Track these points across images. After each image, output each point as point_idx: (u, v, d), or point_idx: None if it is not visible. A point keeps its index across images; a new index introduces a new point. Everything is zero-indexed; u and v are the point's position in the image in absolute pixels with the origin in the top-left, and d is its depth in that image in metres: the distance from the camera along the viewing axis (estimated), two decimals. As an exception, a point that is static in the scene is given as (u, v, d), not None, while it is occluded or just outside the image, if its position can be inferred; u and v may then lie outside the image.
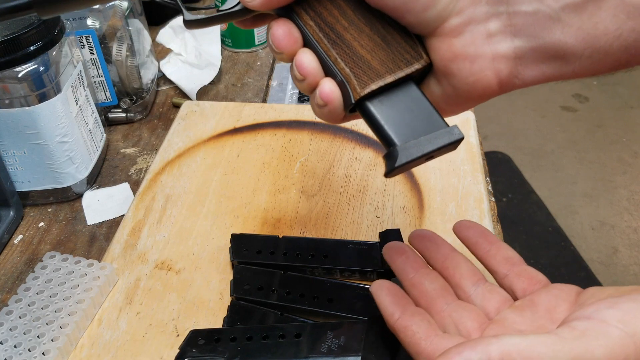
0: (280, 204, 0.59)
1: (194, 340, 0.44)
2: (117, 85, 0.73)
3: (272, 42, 0.36)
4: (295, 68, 0.36)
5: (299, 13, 0.36)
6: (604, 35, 0.33)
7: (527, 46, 0.34)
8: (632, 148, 2.05)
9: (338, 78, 0.36)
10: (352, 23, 0.36)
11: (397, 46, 0.36)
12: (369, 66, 0.35)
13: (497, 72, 0.35)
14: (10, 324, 0.46)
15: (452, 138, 0.35)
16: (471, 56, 0.34)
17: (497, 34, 0.34)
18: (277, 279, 0.49)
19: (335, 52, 0.35)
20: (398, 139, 0.35)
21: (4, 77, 0.54)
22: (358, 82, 0.35)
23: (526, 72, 0.35)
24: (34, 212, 0.62)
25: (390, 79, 0.35)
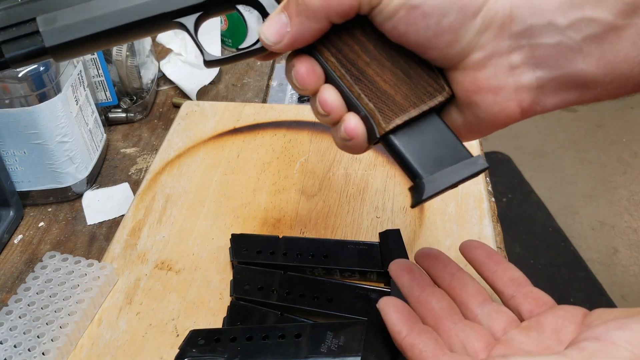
0: (280, 204, 0.59)
1: (193, 340, 0.44)
2: (117, 85, 0.73)
3: (295, 79, 0.36)
4: (318, 104, 0.36)
5: (320, 50, 0.36)
6: (624, 62, 0.33)
7: (549, 76, 0.34)
8: (632, 148, 2.05)
9: (362, 113, 0.36)
10: (373, 58, 0.36)
11: (420, 80, 0.36)
12: (393, 101, 0.35)
13: (520, 102, 0.35)
14: (10, 323, 0.46)
15: (477, 168, 0.35)
16: (495, 88, 0.35)
17: (519, 66, 0.34)
18: (277, 279, 0.49)
19: (359, 88, 0.36)
20: (424, 172, 0.35)
21: (4, 77, 0.54)
22: (382, 117, 0.35)
23: (548, 100, 0.35)
24: (34, 212, 0.62)
25: (414, 113, 0.35)
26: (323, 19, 0.34)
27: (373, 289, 0.48)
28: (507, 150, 2.04)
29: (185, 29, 0.37)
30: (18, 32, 0.36)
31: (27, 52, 0.36)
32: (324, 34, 0.36)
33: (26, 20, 0.36)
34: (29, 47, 0.36)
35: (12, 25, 0.36)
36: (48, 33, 0.35)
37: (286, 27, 0.35)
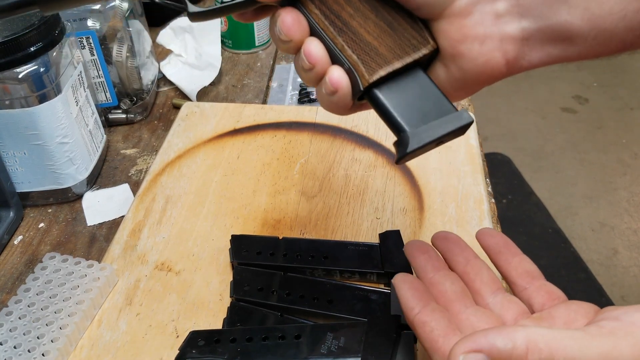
0: (280, 205, 0.59)
1: (193, 341, 0.44)
2: (117, 86, 0.73)
3: (281, 29, 0.36)
4: (303, 57, 0.36)
5: (303, 2, 0.36)
6: (609, 15, 0.33)
7: (533, 27, 0.34)
8: (632, 149, 2.05)
9: (346, 66, 0.36)
10: (357, 10, 0.36)
11: (404, 32, 0.36)
12: (377, 53, 0.35)
13: (505, 53, 0.35)
14: (10, 324, 0.46)
15: (462, 122, 0.35)
16: (480, 36, 0.35)
17: (505, 14, 0.34)
18: (277, 280, 0.49)
19: (342, 40, 0.35)
20: (408, 125, 0.35)
21: (4, 78, 0.54)
22: (366, 69, 0.35)
23: (532, 53, 0.35)
24: (34, 213, 0.62)
25: (398, 64, 0.35)
26: None
27: (373, 290, 0.48)
28: (507, 151, 2.04)
29: None
30: None
31: (15, 2, 0.35)
32: None
33: None
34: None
35: None
36: None
37: None
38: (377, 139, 0.66)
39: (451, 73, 0.36)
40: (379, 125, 0.68)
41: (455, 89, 0.37)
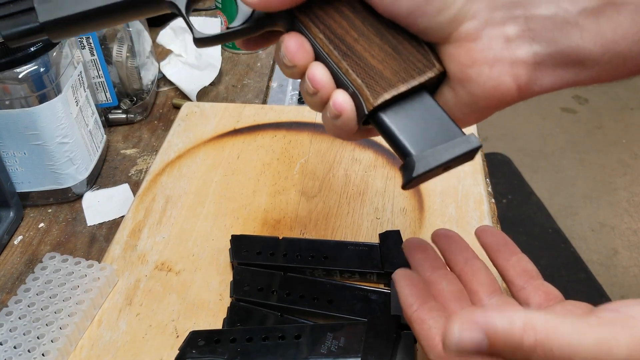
0: (280, 205, 0.59)
1: (193, 341, 0.44)
2: (117, 86, 0.73)
3: (285, 55, 0.36)
4: (307, 81, 0.36)
5: (307, 26, 0.36)
6: (622, 39, 0.32)
7: (545, 51, 0.33)
8: (632, 149, 2.05)
9: (350, 89, 0.35)
10: (362, 34, 0.35)
11: (409, 55, 0.35)
12: (381, 76, 0.35)
13: (516, 78, 0.34)
14: (10, 324, 0.46)
15: (470, 146, 0.34)
16: (490, 60, 0.34)
17: (515, 38, 0.33)
18: (277, 280, 0.49)
19: (347, 64, 0.35)
20: (414, 149, 0.34)
21: (4, 78, 0.54)
22: (371, 93, 0.34)
23: (545, 77, 0.34)
24: (34, 213, 0.62)
25: (403, 88, 0.35)
26: None
27: (373, 290, 0.48)
28: (507, 151, 2.04)
29: (177, 9, 0.37)
30: (14, 8, 0.36)
31: (23, 30, 0.36)
32: (311, 10, 0.35)
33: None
34: (25, 24, 0.36)
35: (9, 2, 0.36)
36: (42, 9, 0.35)
37: None
38: (377, 139, 0.66)
39: (460, 97, 0.36)
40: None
41: (464, 114, 0.36)
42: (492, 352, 0.29)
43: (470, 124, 0.38)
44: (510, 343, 0.29)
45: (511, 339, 0.29)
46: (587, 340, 0.29)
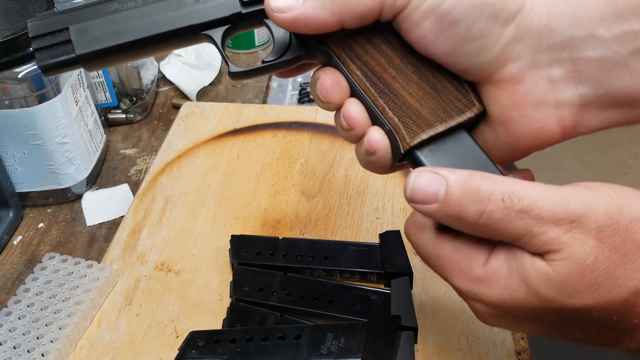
0: (280, 205, 0.59)
1: (193, 341, 0.44)
2: (117, 86, 0.73)
3: (320, 92, 0.35)
4: (342, 118, 0.35)
5: (345, 62, 0.35)
6: None
7: (593, 93, 0.33)
8: (632, 150, 2.05)
9: (386, 127, 0.35)
10: (400, 72, 0.35)
11: (448, 94, 0.35)
12: (419, 115, 0.34)
13: (561, 120, 0.33)
14: (10, 325, 0.46)
15: None
16: (534, 103, 0.33)
17: (560, 80, 0.33)
18: (277, 280, 0.49)
19: (383, 102, 0.35)
20: None
21: (4, 78, 0.54)
22: (407, 132, 0.34)
23: (592, 118, 0.34)
24: (33, 213, 0.62)
25: (441, 128, 0.34)
26: (337, 14, 0.33)
27: (373, 290, 0.48)
28: (507, 151, 2.04)
29: (213, 42, 0.37)
30: (51, 40, 0.36)
31: (59, 61, 0.36)
32: (348, 45, 0.35)
33: (60, 29, 0.36)
34: (61, 55, 0.36)
35: (47, 34, 0.36)
36: (79, 41, 0.36)
37: (297, 3, 0.33)
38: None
39: (500, 138, 0.35)
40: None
41: (503, 153, 0.36)
42: (447, 207, 0.30)
43: (508, 162, 0.37)
44: (468, 189, 0.29)
45: (469, 185, 0.29)
46: (551, 195, 0.29)
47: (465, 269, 0.31)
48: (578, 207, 0.28)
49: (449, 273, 0.32)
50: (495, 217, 0.29)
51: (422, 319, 0.47)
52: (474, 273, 0.31)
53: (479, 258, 0.31)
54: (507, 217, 0.29)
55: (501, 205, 0.29)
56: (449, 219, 0.30)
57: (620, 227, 0.28)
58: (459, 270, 0.31)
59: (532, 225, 0.28)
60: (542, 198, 0.29)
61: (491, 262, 0.30)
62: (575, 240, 0.28)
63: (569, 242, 0.28)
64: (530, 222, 0.28)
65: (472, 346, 0.45)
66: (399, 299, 0.46)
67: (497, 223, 0.29)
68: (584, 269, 0.28)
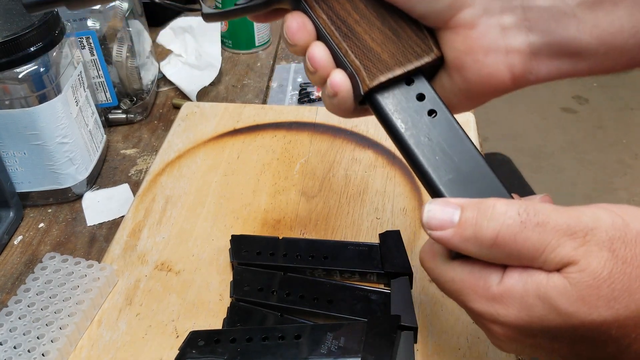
0: (280, 205, 0.59)
1: (193, 341, 0.44)
2: (117, 86, 0.73)
3: (286, 34, 0.37)
4: (307, 60, 0.37)
5: (312, 6, 0.37)
6: (619, 33, 0.33)
7: (541, 42, 0.34)
8: (632, 150, 2.04)
9: (348, 70, 0.36)
10: (363, 17, 0.36)
11: (408, 39, 0.36)
12: (379, 59, 0.36)
13: (511, 67, 0.35)
14: (10, 324, 0.46)
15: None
16: (485, 48, 0.34)
17: (511, 28, 0.34)
18: (277, 280, 0.49)
19: (347, 45, 0.36)
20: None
21: (4, 78, 0.54)
22: (367, 74, 0.35)
23: (540, 67, 0.35)
24: (33, 213, 0.62)
25: (399, 71, 0.35)
26: None
27: (373, 290, 0.48)
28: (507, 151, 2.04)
29: None
30: None
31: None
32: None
33: None
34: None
35: None
36: None
37: None
38: (377, 139, 0.66)
39: (455, 83, 0.36)
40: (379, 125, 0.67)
41: (459, 100, 0.37)
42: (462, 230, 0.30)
43: (465, 109, 0.39)
44: (483, 209, 0.30)
45: (483, 205, 0.30)
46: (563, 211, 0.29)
47: (480, 289, 0.31)
48: (589, 221, 0.29)
49: (464, 296, 0.32)
50: (513, 232, 0.29)
51: (422, 319, 0.47)
52: (489, 293, 0.30)
53: (493, 278, 0.31)
54: (525, 231, 0.29)
55: (518, 220, 0.29)
56: (465, 243, 0.30)
57: (629, 239, 0.28)
58: (474, 291, 0.31)
59: (550, 238, 0.28)
60: (556, 213, 0.29)
61: (505, 282, 0.30)
62: (590, 252, 0.28)
63: (584, 254, 0.28)
64: (548, 236, 0.28)
65: (472, 346, 0.45)
66: (399, 299, 0.46)
67: (515, 239, 0.29)
68: (600, 282, 0.28)
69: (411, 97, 0.36)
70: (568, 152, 2.04)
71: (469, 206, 0.30)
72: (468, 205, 0.31)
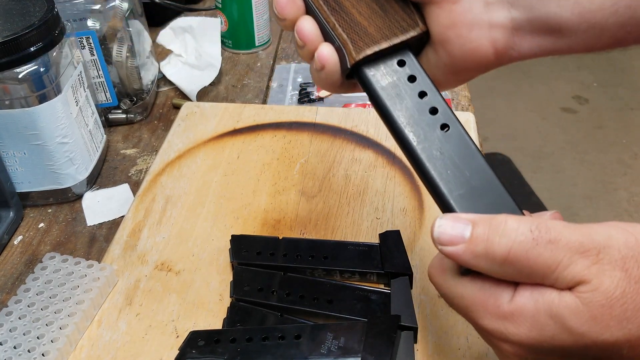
0: (280, 205, 0.59)
1: (193, 341, 0.44)
2: (117, 86, 0.73)
3: (275, 8, 0.38)
4: (296, 34, 0.38)
5: None
6: (599, 10, 0.33)
7: (523, 17, 0.35)
8: (632, 149, 2.05)
9: (336, 44, 0.37)
10: None
11: (395, 14, 0.37)
12: (366, 33, 0.37)
13: (494, 42, 0.36)
14: (10, 324, 0.46)
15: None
16: (469, 23, 0.35)
17: (494, 2, 0.35)
18: (277, 280, 0.49)
19: (334, 19, 0.37)
20: None
21: (4, 78, 0.54)
22: (354, 47, 0.36)
23: (523, 43, 0.36)
24: (34, 213, 0.62)
25: (385, 44, 0.36)
26: None
27: (373, 290, 0.48)
28: (507, 151, 2.04)
29: None
30: None
31: None
32: None
33: None
34: None
35: None
36: None
37: None
38: (377, 139, 0.66)
39: (441, 58, 0.37)
40: (379, 125, 0.68)
41: (445, 75, 0.38)
42: (474, 246, 0.30)
43: (451, 86, 0.40)
44: (495, 224, 0.29)
45: (495, 221, 0.29)
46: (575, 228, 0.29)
47: (490, 306, 0.30)
48: (601, 239, 0.28)
49: (474, 313, 0.31)
50: (525, 248, 0.28)
51: (422, 319, 0.47)
52: (500, 310, 0.30)
53: (504, 295, 0.30)
54: (537, 248, 0.28)
55: (530, 237, 0.28)
56: (476, 259, 0.30)
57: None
58: (484, 308, 0.31)
59: (562, 255, 0.28)
60: (568, 230, 0.28)
61: (516, 300, 0.30)
62: (603, 271, 0.28)
63: (597, 273, 0.28)
64: (560, 253, 0.28)
65: (472, 346, 0.45)
66: (399, 299, 0.46)
67: (527, 255, 0.28)
68: (613, 302, 0.27)
69: (402, 77, 0.36)
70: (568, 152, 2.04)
71: (481, 222, 0.30)
72: (479, 221, 0.30)
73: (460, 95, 0.78)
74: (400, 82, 0.36)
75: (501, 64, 0.37)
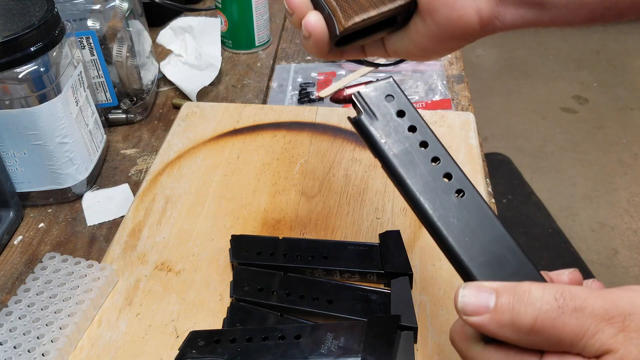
0: (280, 205, 0.59)
1: (193, 341, 0.44)
2: (117, 86, 0.73)
3: None
4: (285, 2, 0.39)
5: None
6: None
7: None
8: (632, 150, 2.04)
9: (325, 12, 0.38)
10: None
11: None
12: (355, 1, 0.38)
13: (478, 10, 0.37)
14: (10, 324, 0.46)
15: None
16: None
17: None
18: (277, 280, 0.49)
19: None
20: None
21: (4, 78, 0.54)
22: (343, 15, 0.38)
23: (506, 14, 0.37)
24: (34, 213, 0.62)
25: (373, 12, 0.38)
26: None
27: (373, 290, 0.48)
28: (507, 151, 2.04)
29: None
30: None
31: None
32: None
33: None
34: None
35: None
36: None
37: None
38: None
39: (428, 27, 0.39)
40: (379, 125, 0.68)
41: (433, 43, 0.40)
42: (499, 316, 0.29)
43: (440, 55, 0.42)
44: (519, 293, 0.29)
45: (519, 290, 0.29)
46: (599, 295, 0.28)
47: None
48: (626, 305, 0.28)
49: None
50: (551, 317, 0.28)
51: (422, 319, 0.47)
52: None
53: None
54: (563, 316, 0.28)
55: (555, 305, 0.28)
56: (502, 329, 0.29)
57: None
58: None
59: (589, 323, 0.28)
60: (592, 297, 0.28)
61: None
62: (630, 339, 0.27)
63: (624, 342, 0.27)
64: (587, 321, 0.28)
65: (471, 346, 0.45)
66: (399, 299, 0.46)
67: (554, 324, 0.28)
68: None
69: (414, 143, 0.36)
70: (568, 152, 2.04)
71: (504, 291, 0.29)
72: (503, 289, 0.30)
73: (460, 95, 0.78)
74: (412, 148, 0.36)
75: (486, 33, 0.38)
